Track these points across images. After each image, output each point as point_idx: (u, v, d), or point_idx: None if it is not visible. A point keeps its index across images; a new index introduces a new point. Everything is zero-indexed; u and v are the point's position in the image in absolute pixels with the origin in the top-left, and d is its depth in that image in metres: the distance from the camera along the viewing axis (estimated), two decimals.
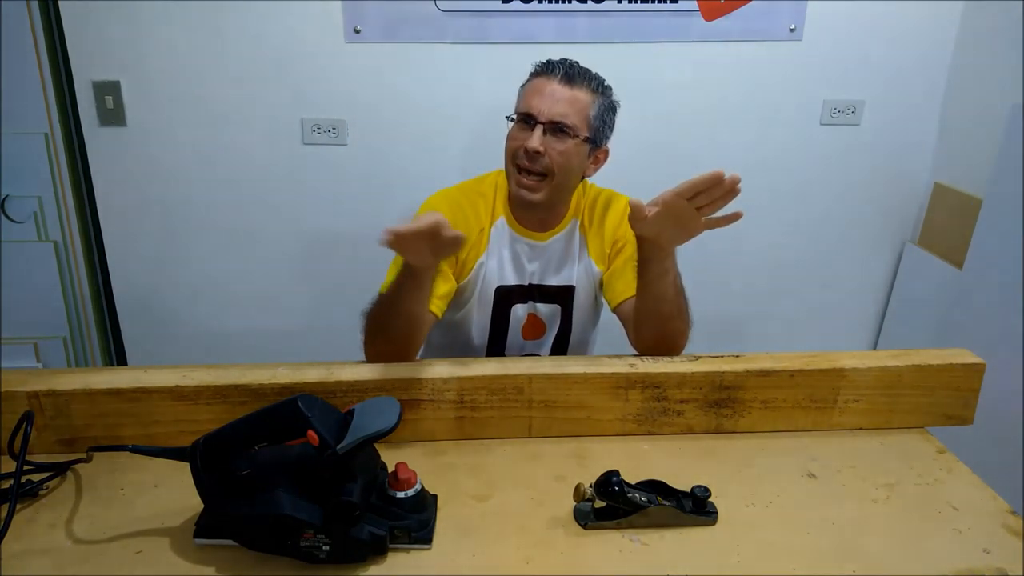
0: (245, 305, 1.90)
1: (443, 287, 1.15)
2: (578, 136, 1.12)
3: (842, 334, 2.06)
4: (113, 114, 1.69)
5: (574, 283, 1.25)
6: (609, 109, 1.17)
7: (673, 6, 1.67)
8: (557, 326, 1.29)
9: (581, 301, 1.26)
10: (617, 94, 1.10)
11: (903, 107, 1.82)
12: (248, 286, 1.89)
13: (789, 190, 1.87)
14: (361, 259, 1.79)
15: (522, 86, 1.18)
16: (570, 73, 1.12)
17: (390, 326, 1.00)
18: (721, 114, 1.79)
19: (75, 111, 1.71)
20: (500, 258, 1.23)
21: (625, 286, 1.17)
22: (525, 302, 1.26)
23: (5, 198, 1.74)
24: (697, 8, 1.68)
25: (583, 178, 1.22)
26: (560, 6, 1.66)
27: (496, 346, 1.28)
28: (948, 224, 1.80)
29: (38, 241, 1.78)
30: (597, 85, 1.15)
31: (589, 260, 1.24)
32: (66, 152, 1.73)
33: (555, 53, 1.17)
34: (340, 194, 1.81)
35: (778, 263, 1.95)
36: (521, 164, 1.13)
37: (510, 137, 1.16)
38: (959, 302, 1.67)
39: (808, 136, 1.83)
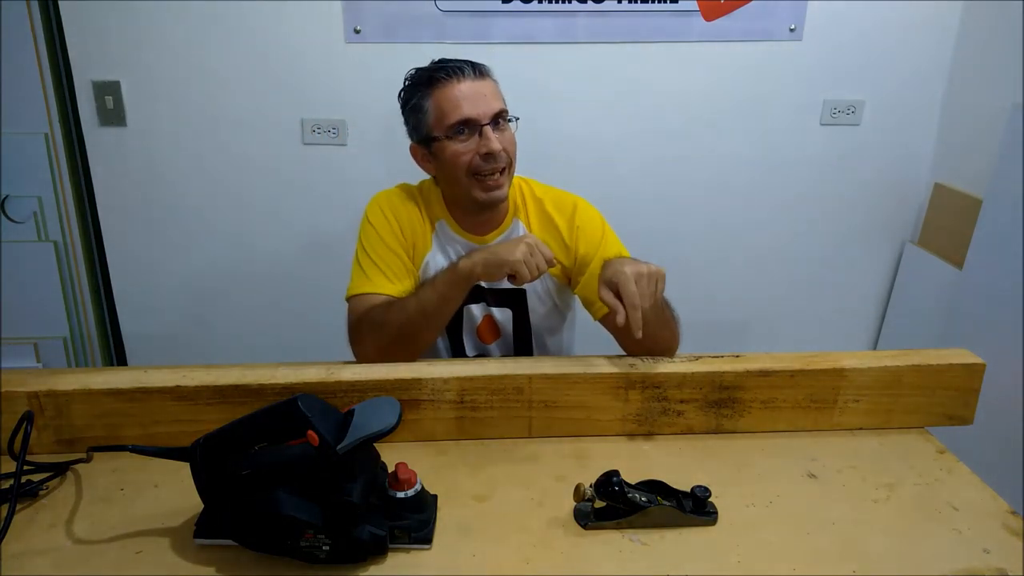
0: (245, 304, 1.90)
1: (408, 282, 1.16)
2: (512, 119, 1.15)
3: (842, 334, 2.06)
4: (113, 114, 1.69)
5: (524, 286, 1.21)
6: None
7: (673, 6, 1.67)
8: (511, 330, 1.25)
9: (535, 304, 1.23)
10: (617, 94, 1.10)
11: (903, 107, 1.81)
12: (248, 285, 1.89)
13: (789, 190, 1.87)
14: None
15: (422, 99, 1.12)
16: (475, 66, 1.12)
17: (417, 337, 1.00)
18: (721, 114, 1.79)
19: (75, 111, 1.71)
20: (448, 259, 1.20)
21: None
22: (478, 303, 1.23)
23: (5, 198, 1.74)
24: (697, 8, 1.68)
25: None
26: (560, 6, 1.66)
27: (456, 347, 1.26)
28: (948, 224, 1.80)
29: (38, 241, 1.78)
30: (489, 70, 1.16)
31: None
32: (66, 152, 1.73)
33: (555, 53, 1.16)
34: (340, 194, 1.81)
35: (777, 263, 1.95)
36: (482, 170, 1.11)
37: (457, 153, 1.11)
38: (959, 302, 1.67)
39: (808, 136, 1.82)
